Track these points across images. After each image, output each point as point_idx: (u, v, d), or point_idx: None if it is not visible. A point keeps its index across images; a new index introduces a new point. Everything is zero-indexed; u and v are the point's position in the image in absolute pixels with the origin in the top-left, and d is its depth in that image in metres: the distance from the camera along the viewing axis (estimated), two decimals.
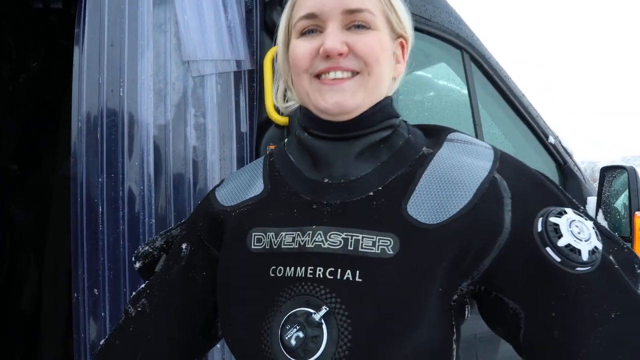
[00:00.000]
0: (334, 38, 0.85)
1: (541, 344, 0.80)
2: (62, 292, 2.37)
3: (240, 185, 0.99)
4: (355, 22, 0.86)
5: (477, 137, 2.04)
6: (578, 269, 0.77)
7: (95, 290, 1.49)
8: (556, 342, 0.77)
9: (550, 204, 0.83)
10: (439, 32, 1.98)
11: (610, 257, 0.81)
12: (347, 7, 0.85)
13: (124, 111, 1.52)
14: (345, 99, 0.86)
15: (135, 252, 1.14)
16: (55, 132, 2.56)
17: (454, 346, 0.84)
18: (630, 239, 2.08)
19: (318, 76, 0.87)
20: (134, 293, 1.08)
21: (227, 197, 0.98)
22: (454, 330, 0.84)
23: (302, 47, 0.88)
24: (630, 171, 2.12)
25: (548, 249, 0.78)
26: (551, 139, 2.25)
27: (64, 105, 2.52)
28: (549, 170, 2.30)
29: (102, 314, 1.49)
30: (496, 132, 2.20)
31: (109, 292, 1.49)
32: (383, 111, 0.91)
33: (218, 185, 1.05)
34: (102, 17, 1.53)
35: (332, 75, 0.86)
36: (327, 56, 0.85)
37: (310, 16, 0.87)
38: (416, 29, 1.26)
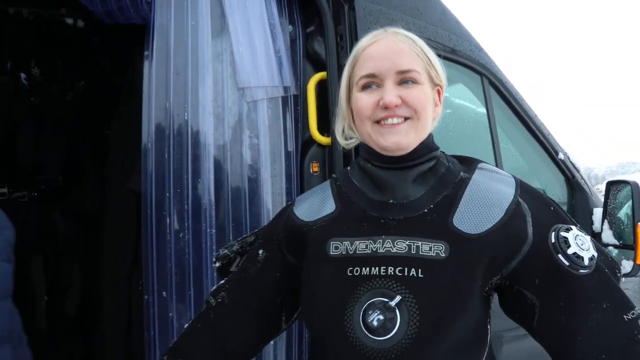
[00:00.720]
0: (391, 93, 1.08)
1: (551, 326, 1.06)
2: (122, 296, 2.55)
3: (314, 205, 1.21)
4: (405, 79, 1.10)
5: (494, 153, 2.25)
6: (580, 271, 1.04)
7: (164, 292, 1.67)
8: (563, 325, 1.03)
9: (558, 222, 1.10)
10: (462, 59, 2.18)
11: (604, 265, 1.08)
12: (400, 69, 1.09)
13: (188, 133, 1.70)
14: (400, 140, 1.10)
15: (216, 254, 1.38)
16: (101, 147, 2.75)
17: (488, 326, 1.10)
18: (633, 247, 2.28)
19: (378, 121, 1.10)
20: (214, 287, 1.32)
21: (305, 214, 1.20)
22: (488, 313, 1.10)
23: (365, 100, 1.11)
24: (634, 185, 2.32)
25: (560, 256, 1.05)
26: (561, 155, 2.46)
27: (114, 122, 2.72)
28: (559, 183, 2.50)
29: (170, 314, 1.67)
30: (511, 149, 2.39)
31: (175, 294, 1.67)
32: (428, 146, 1.15)
33: (292, 205, 1.27)
34: (169, 49, 1.71)
35: (389, 121, 1.10)
36: (386, 107, 1.08)
37: (371, 75, 1.11)
38: (442, 57, 1.47)
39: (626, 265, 2.27)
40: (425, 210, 1.08)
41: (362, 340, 1.00)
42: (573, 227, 1.09)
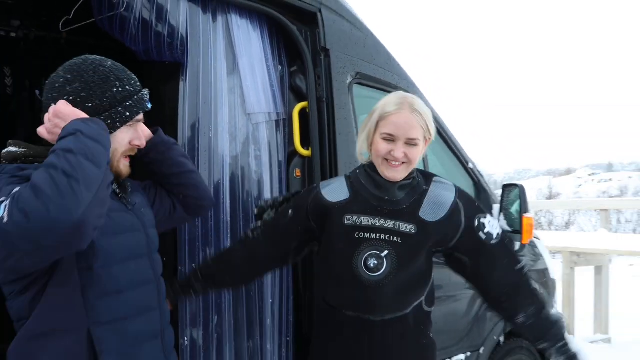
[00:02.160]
0: (399, 151, 1.76)
1: (477, 275, 1.83)
2: None
3: (335, 190, 1.90)
4: (410, 143, 1.77)
5: (424, 164, 3.01)
6: (492, 242, 1.80)
7: (193, 264, 2.25)
8: (483, 274, 1.82)
9: (479, 213, 1.86)
10: None
11: (506, 238, 1.86)
12: (408, 137, 1.76)
13: (212, 147, 2.30)
14: (396, 176, 1.80)
15: (257, 204, 2.14)
16: None
17: (432, 272, 1.85)
18: (519, 232, 3.13)
19: (386, 159, 1.78)
20: (252, 225, 2.02)
21: (329, 196, 1.89)
22: (432, 265, 1.84)
23: (383, 146, 1.79)
24: (521, 188, 3.17)
25: (480, 233, 1.80)
26: (470, 165, 3.28)
27: None
28: (469, 186, 3.31)
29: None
30: (435, 160, 3.18)
31: None
32: (410, 172, 1.84)
33: (318, 188, 1.94)
34: (198, 86, 2.30)
35: (394, 163, 1.78)
36: (394, 158, 1.76)
37: (390, 135, 1.78)
38: (384, 90, 2.21)
39: (515, 245, 3.13)
40: (404, 206, 1.81)
41: (362, 275, 1.73)
42: (488, 215, 1.86)
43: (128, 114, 1.42)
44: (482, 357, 3.18)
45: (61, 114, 1.32)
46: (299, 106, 2.57)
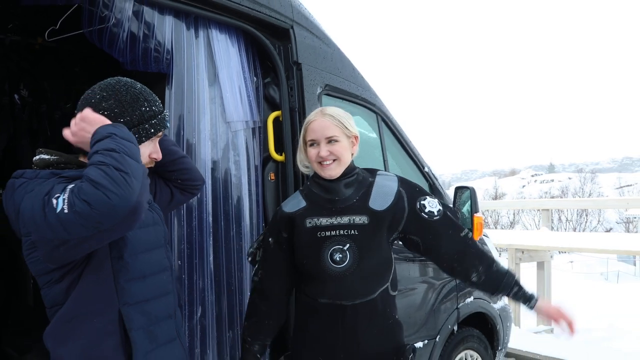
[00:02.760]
0: (324, 149, 2.01)
1: (429, 249, 2.07)
2: None
3: (293, 204, 2.12)
4: (330, 140, 2.01)
5: (385, 167, 3.28)
6: (434, 218, 2.04)
7: (179, 262, 2.44)
8: (434, 246, 2.06)
9: (420, 195, 2.09)
10: (365, 103, 3.21)
11: (447, 212, 2.09)
12: (326, 136, 2.00)
13: (195, 152, 2.50)
14: (331, 173, 2.03)
15: (248, 251, 2.31)
16: None
17: (393, 260, 2.08)
18: (471, 230, 3.45)
19: (320, 162, 2.03)
20: (254, 271, 2.21)
21: (289, 209, 2.11)
22: (391, 253, 2.07)
23: (312, 152, 2.03)
24: (472, 190, 3.48)
25: (422, 213, 2.04)
26: (426, 169, 3.57)
27: None
28: (424, 187, 3.59)
29: (183, 275, 2.45)
30: (394, 163, 3.45)
31: (187, 260, 2.46)
32: (349, 169, 2.07)
33: (281, 208, 2.16)
34: (183, 93, 2.49)
35: (325, 163, 2.02)
36: (322, 157, 2.01)
37: (313, 140, 2.03)
38: (349, 101, 2.46)
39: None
40: (354, 200, 2.04)
41: (330, 268, 1.96)
42: (427, 196, 2.10)
43: (152, 130, 1.61)
44: (438, 344, 3.47)
45: (87, 119, 1.50)
46: (272, 115, 2.80)
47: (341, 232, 1.99)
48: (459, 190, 3.48)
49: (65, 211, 1.25)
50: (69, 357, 1.49)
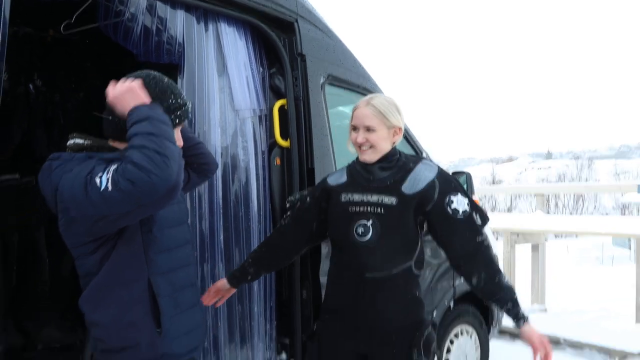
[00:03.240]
0: (360, 136, 2.20)
1: (442, 241, 2.23)
2: None
3: (336, 176, 2.34)
4: (368, 129, 2.20)
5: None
6: (458, 216, 2.18)
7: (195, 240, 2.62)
8: (446, 241, 2.22)
9: (452, 191, 2.21)
10: (364, 92, 3.37)
11: (473, 214, 2.22)
12: (365, 125, 2.19)
13: (207, 138, 2.67)
14: (366, 158, 2.23)
15: (287, 199, 2.65)
16: None
17: (419, 239, 2.26)
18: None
19: (359, 146, 2.22)
20: (284, 216, 2.49)
21: (332, 181, 2.33)
22: (420, 234, 2.25)
23: (352, 136, 2.24)
24: (468, 175, 3.67)
25: (447, 208, 2.18)
26: (424, 154, 3.75)
27: None
28: None
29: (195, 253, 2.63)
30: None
31: (199, 237, 2.63)
32: (387, 155, 2.24)
33: (327, 177, 2.39)
34: (194, 84, 2.66)
35: (362, 148, 2.22)
36: (360, 143, 2.20)
37: (354, 126, 2.23)
38: (351, 90, 2.65)
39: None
40: (388, 183, 2.21)
41: (355, 238, 2.16)
42: (459, 194, 2.19)
43: (177, 121, 1.77)
44: (435, 319, 3.66)
45: (134, 91, 1.62)
46: (278, 103, 2.97)
47: (369, 209, 2.19)
48: (455, 175, 3.65)
49: (109, 189, 1.42)
50: (103, 322, 1.67)
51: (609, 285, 10.17)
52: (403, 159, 2.28)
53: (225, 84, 2.80)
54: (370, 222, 2.16)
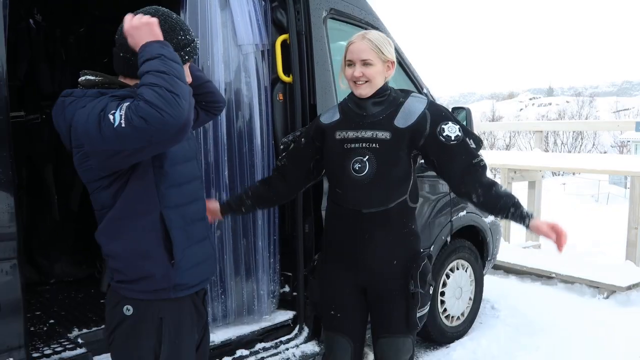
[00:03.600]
0: (357, 70, 2.19)
1: (441, 169, 2.25)
2: None
3: (329, 115, 2.34)
4: (365, 63, 2.19)
5: None
6: (450, 142, 2.21)
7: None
8: (445, 168, 2.24)
9: (443, 120, 2.23)
10: (367, 26, 3.33)
11: (467, 139, 2.25)
12: (361, 58, 2.18)
13: (210, 74, 2.67)
14: (362, 92, 2.22)
15: (281, 141, 2.55)
16: None
17: (412, 173, 2.30)
18: None
19: (354, 82, 2.21)
20: (280, 157, 2.50)
21: (325, 119, 2.33)
22: (412, 167, 2.29)
23: (348, 71, 2.22)
24: (467, 110, 3.68)
25: (440, 137, 2.21)
26: (425, 90, 3.74)
27: None
28: None
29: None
30: (394, 85, 3.60)
31: (205, 182, 2.68)
32: (380, 90, 2.25)
33: (319, 116, 2.39)
34: (197, 19, 2.63)
35: (358, 82, 2.21)
36: (355, 77, 2.19)
37: (350, 61, 2.21)
38: (353, 24, 2.62)
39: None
40: (381, 118, 2.23)
41: (351, 176, 2.20)
42: (450, 122, 2.22)
43: (187, 57, 1.77)
44: (432, 254, 3.77)
45: (152, 28, 1.61)
46: (280, 38, 2.94)
47: (364, 144, 2.21)
48: (455, 110, 3.65)
49: (123, 125, 1.45)
50: (119, 253, 1.74)
51: (602, 223, 10.38)
52: (393, 94, 2.30)
53: (228, 19, 2.77)
54: (367, 157, 2.20)
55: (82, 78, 1.74)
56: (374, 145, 2.20)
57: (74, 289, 3.41)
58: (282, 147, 2.52)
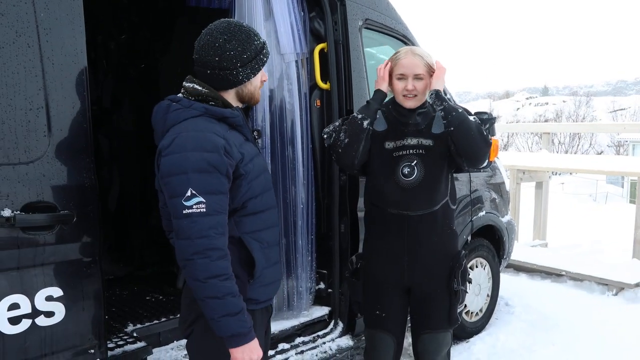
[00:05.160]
0: (410, 84, 2.34)
1: (456, 147, 2.33)
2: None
3: (378, 124, 2.45)
4: (416, 77, 2.34)
5: None
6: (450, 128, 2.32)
7: None
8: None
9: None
10: (396, 34, 3.49)
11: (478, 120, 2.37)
12: (414, 73, 2.33)
13: None
14: (412, 105, 2.38)
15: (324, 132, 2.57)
16: (134, 83, 3.64)
17: (451, 177, 2.46)
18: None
19: (404, 95, 2.36)
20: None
21: (377, 127, 2.43)
22: (450, 170, 2.45)
23: (400, 85, 2.36)
24: (489, 114, 3.82)
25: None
26: None
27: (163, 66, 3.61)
28: None
29: None
30: None
31: None
32: (423, 102, 2.40)
33: (370, 122, 2.42)
34: None
35: (409, 95, 2.35)
36: (408, 90, 2.34)
37: (402, 74, 2.34)
38: (385, 33, 2.77)
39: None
40: (423, 127, 2.39)
41: (401, 181, 2.34)
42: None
43: (264, 59, 1.89)
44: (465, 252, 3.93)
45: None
46: (318, 47, 3.09)
47: (411, 151, 2.37)
48: (477, 114, 3.81)
49: (185, 218, 1.65)
50: None
51: (602, 222, 10.58)
52: (430, 106, 2.43)
53: (272, 29, 2.91)
54: (414, 162, 2.35)
55: (189, 85, 1.82)
56: (420, 151, 2.36)
57: (117, 286, 3.55)
58: (325, 136, 2.55)
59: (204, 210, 1.64)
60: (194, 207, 1.64)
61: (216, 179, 1.68)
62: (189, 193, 1.64)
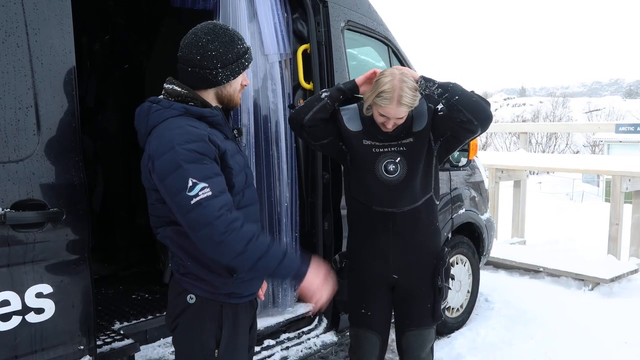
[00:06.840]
0: (390, 124, 2.32)
1: (450, 128, 2.37)
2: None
3: (354, 124, 2.47)
4: (398, 120, 2.31)
5: None
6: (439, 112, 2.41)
7: None
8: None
9: (437, 103, 2.38)
10: (378, 36, 3.56)
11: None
12: (397, 117, 2.30)
13: None
14: (389, 131, 2.37)
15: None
16: (118, 84, 3.66)
17: (435, 170, 2.49)
18: (467, 150, 3.92)
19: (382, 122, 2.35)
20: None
21: (351, 127, 2.46)
22: (434, 163, 2.48)
23: (380, 119, 2.33)
24: None
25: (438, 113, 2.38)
26: None
27: (148, 67, 3.62)
28: None
29: None
30: None
31: None
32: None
33: (343, 116, 2.48)
34: None
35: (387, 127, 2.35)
36: (388, 129, 2.35)
37: (384, 116, 2.30)
38: (366, 34, 2.83)
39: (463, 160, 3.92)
40: (400, 128, 2.39)
41: (383, 177, 2.38)
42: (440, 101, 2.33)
43: (246, 63, 1.93)
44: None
45: None
46: (301, 48, 3.14)
47: (393, 148, 2.39)
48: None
49: (191, 207, 1.67)
50: (183, 258, 1.88)
51: (578, 219, 10.79)
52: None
53: (256, 30, 2.96)
54: (398, 159, 2.38)
55: (169, 86, 1.87)
56: (402, 148, 2.39)
57: (103, 285, 3.55)
58: (292, 110, 2.55)
59: (210, 193, 1.68)
60: (200, 193, 1.67)
61: (209, 163, 1.73)
62: (190, 183, 1.67)
